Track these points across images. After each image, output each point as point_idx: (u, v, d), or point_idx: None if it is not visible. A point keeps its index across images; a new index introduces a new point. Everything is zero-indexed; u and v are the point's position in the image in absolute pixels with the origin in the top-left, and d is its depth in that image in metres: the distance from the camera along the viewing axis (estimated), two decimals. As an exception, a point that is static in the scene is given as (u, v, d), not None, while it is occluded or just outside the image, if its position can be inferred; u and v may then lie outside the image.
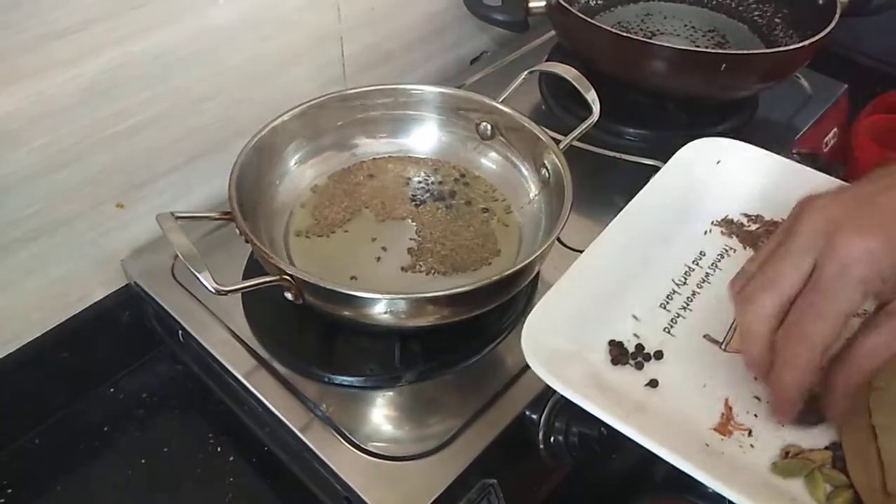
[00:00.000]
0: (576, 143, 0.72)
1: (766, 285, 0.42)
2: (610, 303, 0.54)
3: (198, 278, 0.54)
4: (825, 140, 0.94)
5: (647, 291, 0.56)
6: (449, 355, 0.62)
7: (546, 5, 0.87)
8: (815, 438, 0.46)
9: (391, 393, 0.61)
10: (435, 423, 0.58)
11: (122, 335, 0.73)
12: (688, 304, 0.55)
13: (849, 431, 0.45)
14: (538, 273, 0.67)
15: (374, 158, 0.75)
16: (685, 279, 0.57)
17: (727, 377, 0.50)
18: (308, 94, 0.72)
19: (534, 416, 0.59)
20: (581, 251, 0.54)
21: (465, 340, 0.63)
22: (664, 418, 0.47)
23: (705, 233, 0.60)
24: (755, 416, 0.48)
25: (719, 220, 0.61)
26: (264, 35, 0.74)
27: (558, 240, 0.63)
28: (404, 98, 0.75)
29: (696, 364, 0.51)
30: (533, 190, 0.71)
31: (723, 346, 0.52)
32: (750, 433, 0.47)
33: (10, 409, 0.66)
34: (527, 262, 0.58)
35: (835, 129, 0.96)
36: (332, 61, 0.83)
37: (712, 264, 0.58)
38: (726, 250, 0.59)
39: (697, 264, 0.58)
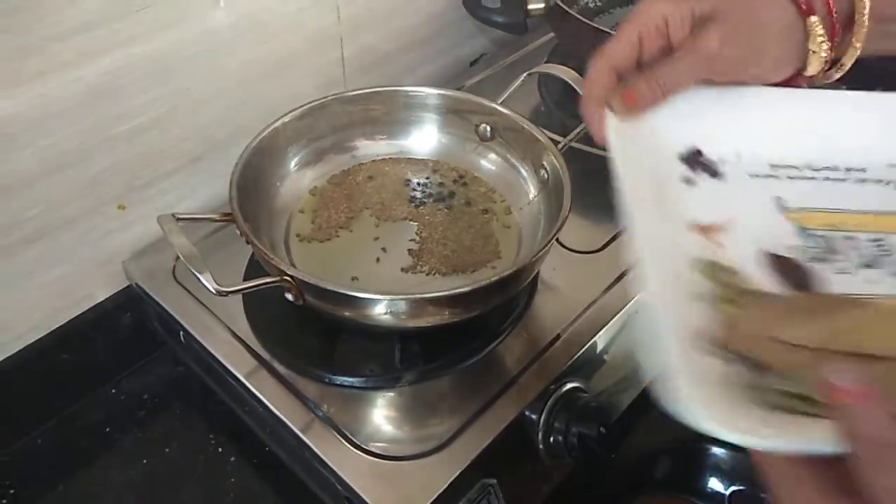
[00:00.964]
0: (575, 145, 0.72)
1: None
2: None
3: (199, 279, 0.54)
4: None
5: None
6: (449, 356, 0.63)
7: (545, 7, 0.87)
8: None
9: (391, 393, 0.61)
10: (435, 424, 0.58)
11: (124, 336, 0.73)
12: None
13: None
14: (538, 273, 0.67)
15: (374, 160, 0.76)
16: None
17: None
18: (308, 96, 0.72)
19: (533, 417, 0.60)
20: (579, 251, 0.54)
21: (465, 341, 0.63)
22: None
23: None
24: None
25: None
26: (265, 37, 0.74)
27: (557, 240, 0.63)
28: (404, 100, 0.75)
29: None
30: (532, 191, 0.71)
31: None
32: None
33: (13, 409, 0.67)
34: (526, 262, 0.58)
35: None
36: (332, 63, 0.84)
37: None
38: None
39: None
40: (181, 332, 0.66)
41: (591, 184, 0.77)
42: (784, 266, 0.47)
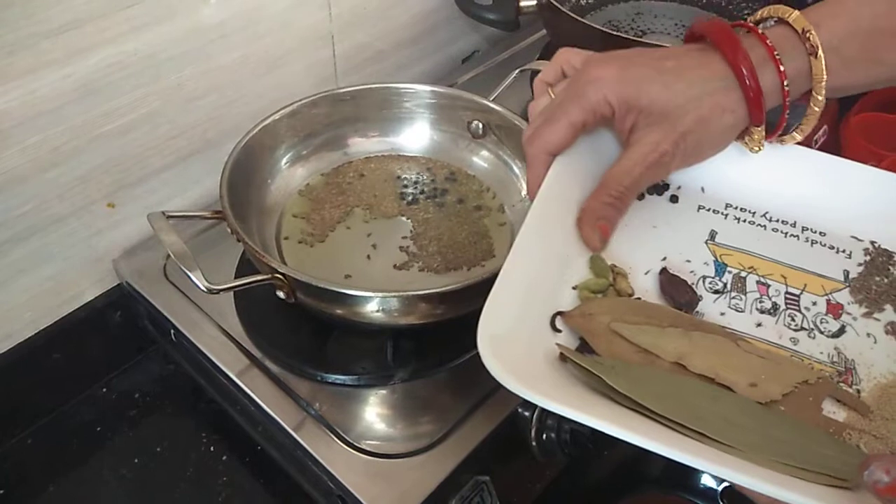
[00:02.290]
0: (567, 142, 0.72)
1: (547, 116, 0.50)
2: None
3: (189, 277, 0.54)
4: (815, 138, 0.95)
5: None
6: (441, 353, 0.63)
7: (537, 4, 0.87)
8: None
9: (384, 391, 0.61)
10: (427, 421, 0.58)
11: (115, 335, 0.73)
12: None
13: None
14: (530, 271, 0.67)
15: (366, 157, 0.76)
16: None
17: None
18: (300, 94, 0.72)
19: (526, 414, 0.60)
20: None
21: (457, 338, 0.63)
22: None
23: None
24: None
25: None
26: (256, 34, 0.74)
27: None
28: (396, 97, 0.75)
29: None
30: (524, 188, 0.71)
31: None
32: None
33: (2, 409, 0.66)
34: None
35: (825, 127, 0.96)
36: (324, 60, 0.83)
37: None
38: None
39: None
40: (172, 331, 0.66)
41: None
42: (674, 284, 0.50)
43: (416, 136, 0.76)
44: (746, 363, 0.45)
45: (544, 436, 0.61)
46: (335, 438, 0.57)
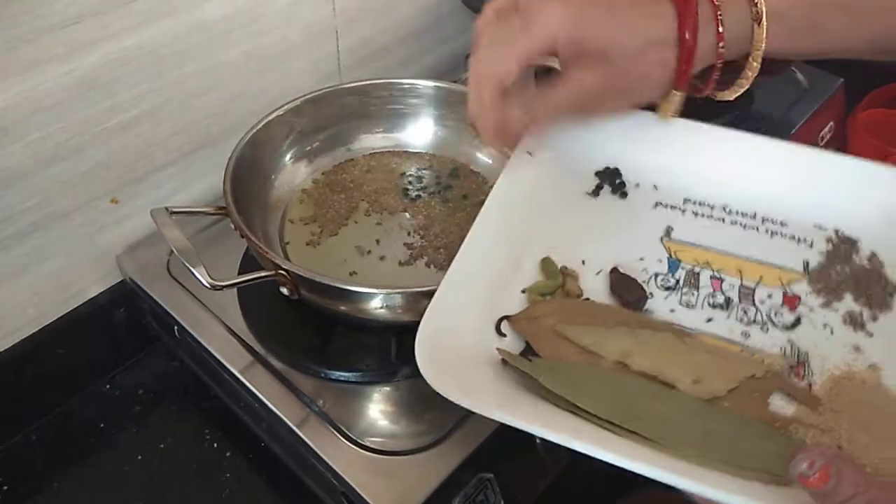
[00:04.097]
0: (572, 137, 0.72)
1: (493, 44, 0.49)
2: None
3: (193, 273, 0.54)
4: (821, 134, 0.94)
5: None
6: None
7: (542, -1, 0.87)
8: None
9: (387, 388, 0.61)
10: (431, 418, 0.58)
11: (118, 331, 0.73)
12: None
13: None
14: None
15: (370, 153, 0.75)
16: None
17: None
18: (303, 89, 0.72)
19: (530, 411, 0.59)
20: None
21: (461, 335, 0.63)
22: None
23: None
24: None
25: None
26: (259, 29, 0.74)
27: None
28: (400, 92, 0.74)
29: None
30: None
31: None
32: None
33: (6, 405, 0.66)
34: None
35: (831, 123, 0.96)
36: (328, 56, 0.83)
37: None
38: None
39: None
40: (175, 327, 0.66)
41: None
42: (623, 283, 0.50)
43: (420, 132, 0.76)
44: (691, 360, 0.45)
45: (549, 433, 0.60)
46: (339, 435, 0.57)
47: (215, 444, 0.67)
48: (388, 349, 0.62)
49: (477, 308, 0.47)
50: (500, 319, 0.48)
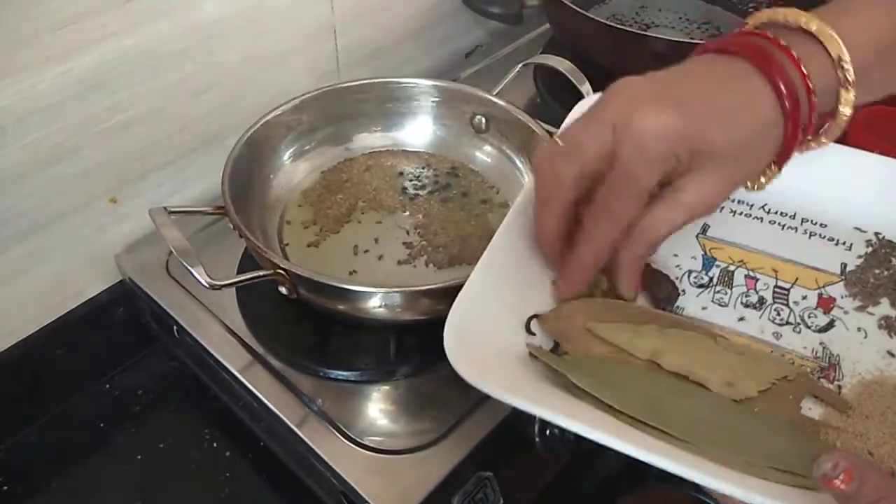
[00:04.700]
0: (571, 136, 0.71)
1: (566, 154, 0.43)
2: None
3: (191, 273, 0.54)
4: (821, 131, 0.94)
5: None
6: (444, 349, 0.62)
7: (540, -2, 0.87)
8: None
9: (387, 387, 0.61)
10: (431, 417, 0.58)
11: (117, 331, 0.73)
12: None
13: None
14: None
15: (369, 152, 0.75)
16: None
17: None
18: (302, 88, 0.71)
19: (530, 409, 0.59)
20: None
21: (460, 334, 0.63)
22: None
23: None
24: None
25: None
26: (258, 29, 0.74)
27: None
28: (398, 91, 0.74)
29: None
30: (526, 182, 0.71)
31: None
32: None
33: (6, 405, 0.66)
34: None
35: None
36: (326, 55, 0.83)
37: None
38: None
39: None
40: (175, 327, 0.66)
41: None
42: (655, 279, 0.50)
43: (418, 131, 0.76)
44: (722, 360, 0.45)
45: (548, 431, 0.60)
46: (338, 434, 0.57)
47: (215, 444, 0.67)
48: (387, 348, 0.62)
49: (506, 305, 0.47)
50: (530, 318, 0.47)
